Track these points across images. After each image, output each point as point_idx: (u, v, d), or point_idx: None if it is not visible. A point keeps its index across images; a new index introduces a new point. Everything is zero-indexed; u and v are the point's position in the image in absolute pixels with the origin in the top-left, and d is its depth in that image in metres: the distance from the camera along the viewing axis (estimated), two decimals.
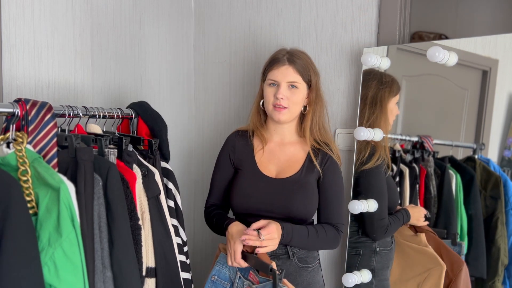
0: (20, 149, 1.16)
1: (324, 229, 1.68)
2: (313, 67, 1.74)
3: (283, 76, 1.67)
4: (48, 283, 1.09)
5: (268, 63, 1.73)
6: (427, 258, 1.80)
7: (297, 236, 1.62)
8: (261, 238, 1.51)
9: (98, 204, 1.24)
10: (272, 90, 1.69)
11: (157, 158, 1.57)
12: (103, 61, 1.85)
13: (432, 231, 1.82)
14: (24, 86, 1.55)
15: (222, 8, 2.28)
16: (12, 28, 1.50)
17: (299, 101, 1.70)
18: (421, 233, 1.83)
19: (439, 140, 1.83)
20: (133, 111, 1.68)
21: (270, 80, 1.69)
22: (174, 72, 2.26)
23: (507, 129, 1.66)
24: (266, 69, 1.73)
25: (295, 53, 1.71)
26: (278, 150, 1.77)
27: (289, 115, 1.70)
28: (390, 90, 1.87)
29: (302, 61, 1.69)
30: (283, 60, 1.68)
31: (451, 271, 1.75)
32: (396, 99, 1.87)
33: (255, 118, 1.80)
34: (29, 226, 1.07)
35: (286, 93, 1.67)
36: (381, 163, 1.84)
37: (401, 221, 1.85)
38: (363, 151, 1.88)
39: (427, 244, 1.81)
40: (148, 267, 1.38)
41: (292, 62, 1.67)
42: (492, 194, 1.70)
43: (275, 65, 1.69)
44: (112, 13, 1.88)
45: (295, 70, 1.67)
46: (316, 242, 1.67)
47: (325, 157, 1.73)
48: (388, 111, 1.87)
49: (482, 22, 2.61)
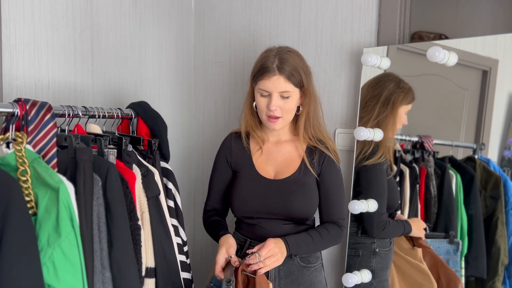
0: (20, 149, 1.16)
1: (327, 229, 1.69)
2: (304, 67, 1.68)
3: (274, 86, 1.62)
4: (47, 283, 1.09)
5: (258, 71, 1.66)
6: (420, 274, 1.81)
7: (303, 245, 1.64)
8: (259, 260, 1.51)
9: (97, 205, 1.24)
10: (264, 100, 1.65)
11: (156, 158, 1.58)
12: (103, 61, 1.85)
13: (429, 247, 1.82)
14: (24, 86, 1.55)
15: (222, 8, 2.28)
16: (12, 28, 1.50)
17: (293, 107, 1.67)
18: (418, 248, 1.83)
19: (439, 140, 1.83)
20: (133, 111, 1.69)
21: (261, 90, 1.64)
22: (174, 72, 2.26)
23: (507, 129, 1.66)
24: (256, 76, 1.67)
25: (284, 58, 1.63)
26: (274, 150, 1.76)
27: (284, 123, 1.69)
28: (405, 96, 1.85)
29: (291, 67, 1.62)
30: (273, 69, 1.61)
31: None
32: (408, 108, 1.85)
33: (249, 120, 1.77)
34: (29, 226, 1.07)
35: (278, 103, 1.63)
36: (383, 161, 1.84)
37: (401, 228, 1.85)
38: (367, 146, 1.88)
39: (422, 260, 1.81)
40: (148, 267, 1.38)
41: (282, 71, 1.61)
42: (492, 194, 1.70)
43: (265, 75, 1.62)
44: (112, 13, 1.88)
45: (286, 78, 1.61)
46: (322, 245, 1.70)
47: (322, 155, 1.72)
48: (397, 116, 1.86)
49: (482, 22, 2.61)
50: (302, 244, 1.63)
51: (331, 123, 2.02)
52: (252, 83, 1.72)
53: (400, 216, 1.89)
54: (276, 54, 1.65)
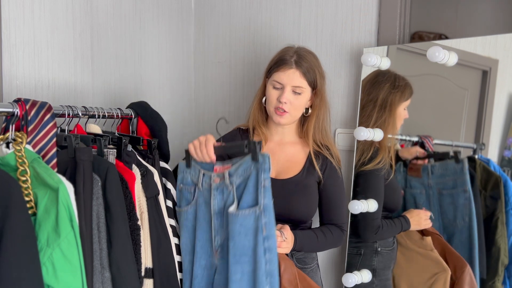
0: (20, 149, 1.16)
1: (330, 230, 1.70)
2: (320, 69, 1.70)
3: (289, 79, 1.63)
4: (47, 283, 1.09)
5: (275, 63, 1.68)
6: (433, 263, 1.79)
7: (308, 242, 1.64)
8: (283, 238, 1.53)
9: (97, 205, 1.24)
10: (276, 92, 1.66)
11: (156, 158, 1.57)
12: (103, 61, 1.85)
13: (438, 233, 1.81)
14: (24, 86, 1.55)
15: (222, 8, 2.28)
16: (12, 28, 1.51)
17: (302, 105, 1.68)
18: (427, 236, 1.82)
19: (439, 140, 1.82)
20: (132, 111, 1.69)
21: (275, 81, 1.66)
22: (174, 72, 2.26)
23: (507, 129, 1.66)
24: (272, 69, 1.68)
25: (303, 55, 1.66)
26: (278, 150, 1.76)
27: (290, 119, 1.69)
28: (402, 95, 1.84)
29: (309, 64, 1.65)
30: (290, 62, 1.64)
31: (454, 274, 1.75)
32: (407, 104, 1.84)
33: (257, 115, 1.77)
34: (28, 226, 1.07)
35: (290, 97, 1.64)
36: (382, 167, 1.84)
37: (398, 227, 1.84)
38: (366, 152, 1.87)
39: (432, 248, 1.80)
40: (147, 267, 1.38)
41: (299, 66, 1.63)
42: (492, 194, 1.70)
43: (281, 67, 1.64)
44: (112, 13, 1.88)
45: (301, 74, 1.63)
46: (324, 245, 1.70)
47: (325, 161, 1.72)
48: (397, 115, 1.85)
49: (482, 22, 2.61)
50: (307, 241, 1.64)
51: (331, 123, 2.01)
52: (265, 78, 1.73)
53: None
54: (296, 51, 1.68)
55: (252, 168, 1.46)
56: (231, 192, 1.50)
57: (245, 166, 1.47)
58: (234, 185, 1.49)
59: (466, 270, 1.73)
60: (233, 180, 1.49)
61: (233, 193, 1.49)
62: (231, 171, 1.50)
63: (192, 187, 1.58)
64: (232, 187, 1.50)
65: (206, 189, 1.54)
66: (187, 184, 1.59)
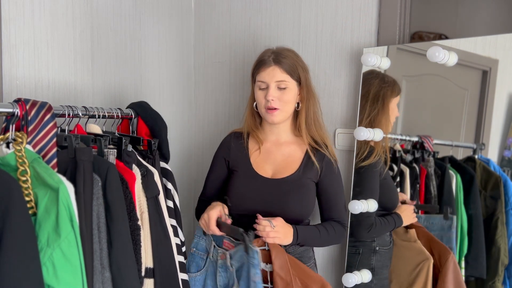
0: (20, 149, 1.16)
1: (332, 226, 1.72)
2: (301, 63, 1.73)
3: (270, 77, 1.67)
4: (47, 283, 1.09)
5: (255, 66, 1.74)
6: (416, 254, 1.82)
7: (311, 236, 1.66)
8: (272, 227, 1.56)
9: (97, 205, 1.24)
10: (262, 93, 1.70)
11: (156, 158, 1.57)
12: (103, 61, 1.85)
13: (420, 225, 1.84)
14: (24, 86, 1.55)
15: (222, 8, 2.28)
16: (12, 28, 1.50)
17: (290, 99, 1.70)
18: (411, 229, 1.85)
19: (439, 140, 1.83)
20: (133, 111, 1.69)
21: (259, 82, 1.70)
22: (174, 72, 2.26)
23: (507, 129, 1.66)
24: (254, 72, 1.74)
25: (281, 52, 1.71)
26: (274, 150, 1.77)
27: (282, 115, 1.71)
28: (392, 90, 1.87)
29: (288, 60, 1.69)
30: (269, 61, 1.68)
31: (438, 262, 1.78)
32: (397, 100, 1.87)
33: (250, 121, 1.81)
34: (28, 226, 1.07)
35: (275, 94, 1.68)
36: (378, 161, 1.85)
37: (391, 224, 1.85)
38: (363, 148, 1.89)
39: (416, 239, 1.84)
40: (147, 267, 1.38)
41: (278, 62, 1.68)
42: (492, 194, 1.70)
43: (261, 67, 1.70)
44: (112, 13, 1.88)
45: (282, 69, 1.67)
46: (326, 240, 1.73)
47: (322, 158, 1.74)
48: (390, 110, 1.87)
49: (482, 22, 2.61)
50: (310, 235, 1.66)
51: (331, 123, 2.02)
52: (252, 83, 1.77)
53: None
54: (273, 51, 1.72)
55: (245, 258, 1.55)
56: (232, 274, 1.60)
57: (241, 254, 1.57)
58: (234, 268, 1.59)
59: (450, 258, 1.76)
60: (233, 263, 1.60)
61: (234, 275, 1.59)
62: (231, 253, 1.60)
63: (205, 254, 1.69)
64: (233, 269, 1.60)
65: (215, 261, 1.66)
66: (201, 251, 1.70)
